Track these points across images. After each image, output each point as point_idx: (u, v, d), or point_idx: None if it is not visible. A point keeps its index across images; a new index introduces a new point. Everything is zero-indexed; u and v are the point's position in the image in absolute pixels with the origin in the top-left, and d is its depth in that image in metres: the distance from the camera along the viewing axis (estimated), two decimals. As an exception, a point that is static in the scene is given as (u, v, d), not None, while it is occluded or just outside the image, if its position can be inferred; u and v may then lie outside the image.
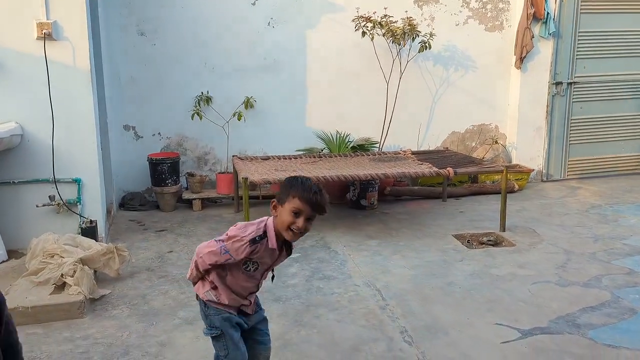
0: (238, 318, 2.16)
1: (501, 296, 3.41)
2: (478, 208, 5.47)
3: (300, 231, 1.96)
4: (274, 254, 2.06)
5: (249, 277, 2.10)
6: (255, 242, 1.99)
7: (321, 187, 2.00)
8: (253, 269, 2.07)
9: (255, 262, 2.06)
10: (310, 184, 1.99)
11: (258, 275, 2.12)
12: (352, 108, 5.98)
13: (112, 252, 3.55)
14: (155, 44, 5.44)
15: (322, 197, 1.97)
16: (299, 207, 1.94)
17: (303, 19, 5.71)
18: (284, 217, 1.96)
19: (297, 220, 1.95)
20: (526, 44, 6.18)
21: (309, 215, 1.96)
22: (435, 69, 6.19)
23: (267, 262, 2.09)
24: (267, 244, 2.01)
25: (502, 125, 6.58)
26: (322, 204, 1.97)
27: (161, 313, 3.18)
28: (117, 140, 5.43)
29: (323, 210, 1.98)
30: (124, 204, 5.47)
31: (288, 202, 1.96)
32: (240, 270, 2.08)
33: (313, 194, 1.94)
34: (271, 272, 2.20)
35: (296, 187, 1.97)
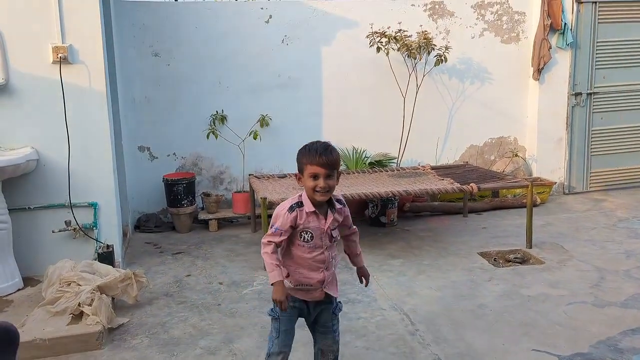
0: (299, 303, 2.34)
1: (535, 319, 3.26)
2: (501, 223, 5.33)
3: (325, 189, 2.17)
4: (318, 218, 2.25)
5: (310, 249, 2.27)
6: (292, 209, 2.23)
7: (328, 145, 2.21)
8: (309, 237, 2.25)
9: (307, 231, 2.24)
10: (316, 146, 2.19)
11: (319, 243, 2.26)
12: (369, 123, 5.89)
13: (129, 278, 3.46)
14: (170, 64, 5.40)
15: (329, 154, 2.17)
16: (313, 171, 2.16)
17: (317, 35, 5.65)
18: (307, 183, 2.19)
19: (317, 182, 2.16)
20: (543, 55, 6.07)
21: (325, 173, 2.16)
22: (451, 82, 6.09)
23: (317, 227, 2.25)
24: (305, 210, 2.23)
25: (521, 138, 6.45)
26: (331, 161, 2.16)
27: (181, 342, 3.06)
28: (132, 161, 5.37)
29: (334, 165, 2.18)
30: (139, 226, 5.39)
31: (304, 170, 2.19)
32: (301, 244, 2.27)
33: (319, 156, 2.14)
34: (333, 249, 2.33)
35: (305, 154, 2.20)
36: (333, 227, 2.30)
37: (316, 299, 2.36)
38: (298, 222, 2.24)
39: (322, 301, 2.38)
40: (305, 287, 2.33)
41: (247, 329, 3.20)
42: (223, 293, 3.77)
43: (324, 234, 2.28)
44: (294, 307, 2.35)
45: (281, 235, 2.25)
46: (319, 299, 2.37)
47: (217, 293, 3.77)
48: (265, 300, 3.61)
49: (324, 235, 2.28)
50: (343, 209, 2.36)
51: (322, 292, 2.34)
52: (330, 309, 2.41)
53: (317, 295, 2.35)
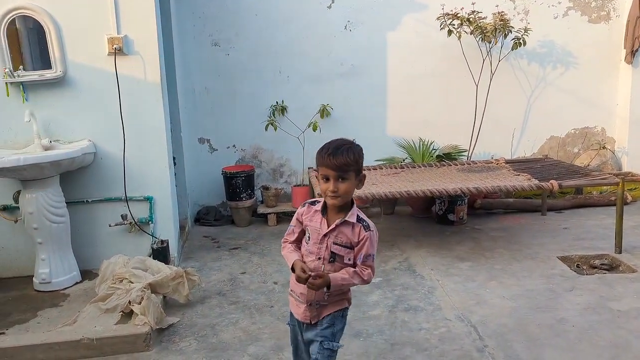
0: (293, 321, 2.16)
1: (628, 339, 2.82)
2: (585, 224, 4.80)
3: (335, 194, 1.92)
4: (321, 220, 2.02)
5: (306, 251, 2.05)
6: (304, 204, 2.09)
7: (343, 143, 1.94)
8: (307, 238, 2.05)
9: (308, 231, 2.04)
10: (329, 145, 1.95)
11: (314, 249, 2.02)
12: (437, 113, 5.50)
13: (181, 276, 3.35)
14: (229, 54, 5.27)
15: (338, 156, 1.90)
16: (324, 173, 1.95)
17: (382, 20, 5.32)
18: (320, 185, 1.98)
19: (327, 185, 1.94)
20: (638, 36, 5.41)
21: (335, 176, 1.92)
22: (530, 67, 5.57)
23: (315, 229, 2.02)
24: (315, 209, 2.04)
25: (609, 128, 5.82)
26: (339, 164, 1.90)
27: (230, 348, 2.90)
28: (192, 154, 5.31)
29: (344, 168, 1.90)
30: (199, 219, 5.33)
31: (318, 171, 1.98)
32: (304, 245, 2.07)
33: (327, 157, 1.91)
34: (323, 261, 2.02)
35: (318, 154, 1.97)
36: (338, 242, 1.98)
37: (301, 317, 2.08)
38: (303, 218, 2.07)
39: (311, 325, 2.07)
40: (294, 296, 2.11)
41: (299, 336, 2.99)
42: (277, 294, 3.58)
43: (322, 240, 1.99)
44: (291, 319, 2.18)
45: (293, 232, 2.10)
46: (303, 320, 2.07)
47: (270, 294, 3.59)
48: (320, 304, 3.39)
49: (322, 242, 1.99)
50: (360, 229, 1.96)
51: (305, 311, 2.05)
52: (319, 338, 2.05)
53: (301, 312, 2.07)
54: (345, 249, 1.99)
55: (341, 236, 1.98)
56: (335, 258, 2.00)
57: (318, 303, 2.04)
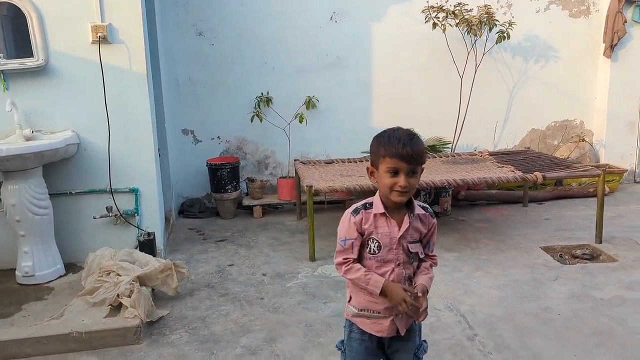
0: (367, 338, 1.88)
1: (611, 326, 2.90)
2: (565, 214, 4.91)
3: (405, 190, 1.73)
4: (389, 223, 1.81)
5: (379, 263, 1.82)
6: (357, 211, 1.83)
7: (413, 133, 1.76)
8: (376, 248, 1.81)
9: (374, 239, 1.81)
10: (398, 134, 1.74)
11: (390, 256, 1.81)
12: (422, 105, 5.54)
13: (170, 269, 3.31)
14: (214, 44, 5.21)
15: (415, 146, 1.72)
16: (393, 166, 1.73)
17: (368, 11, 5.31)
18: (383, 180, 1.76)
19: (397, 180, 1.73)
20: (618, 30, 5.53)
21: (407, 169, 1.72)
22: (513, 61, 5.64)
23: (386, 234, 1.80)
24: (373, 212, 1.82)
25: (588, 121, 5.94)
26: (416, 154, 1.72)
27: (222, 340, 2.89)
28: (176, 145, 5.25)
29: (420, 160, 1.74)
30: (183, 211, 5.28)
31: (381, 163, 1.76)
32: (367, 256, 1.84)
33: (403, 147, 1.70)
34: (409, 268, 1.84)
35: (384, 143, 1.75)
36: (412, 240, 1.82)
37: (386, 333, 1.86)
38: (363, 227, 1.81)
39: (397, 337, 1.88)
40: (372, 315, 1.85)
41: (291, 327, 3.00)
42: (266, 286, 3.58)
43: (397, 245, 1.80)
44: (361, 341, 1.89)
45: (353, 247, 1.82)
46: (390, 334, 1.86)
47: (260, 285, 3.59)
48: (310, 295, 3.40)
49: (397, 246, 1.80)
50: (428, 217, 1.86)
51: (392, 325, 1.85)
52: (411, 350, 1.91)
53: (385, 328, 1.85)
54: (418, 244, 1.86)
55: (413, 232, 1.83)
56: (413, 258, 1.85)
57: None
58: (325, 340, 2.85)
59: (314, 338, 2.88)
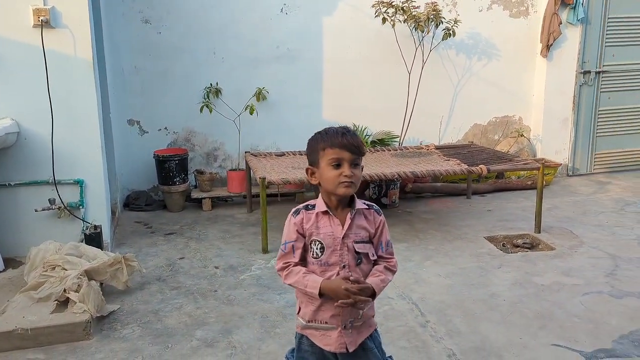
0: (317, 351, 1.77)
1: (551, 310, 3.08)
2: (506, 206, 5.14)
3: (352, 180, 1.68)
4: (332, 222, 1.73)
5: (323, 267, 1.72)
6: (297, 212, 1.77)
7: (348, 127, 1.76)
8: (318, 250, 1.72)
9: (316, 241, 1.72)
10: (334, 128, 1.75)
11: (334, 259, 1.71)
12: (371, 99, 5.62)
13: (119, 262, 3.21)
14: (161, 32, 5.07)
15: (353, 136, 1.72)
16: (336, 156, 1.68)
17: (319, 4, 5.33)
18: (327, 174, 1.70)
19: (341, 170, 1.68)
20: (553, 31, 5.82)
21: (350, 159, 1.69)
22: (457, 57, 5.82)
23: (329, 235, 1.71)
24: (316, 212, 1.75)
25: (526, 117, 6.23)
26: (357, 143, 1.70)
27: (176, 333, 2.84)
28: (121, 136, 5.08)
29: (361, 150, 1.71)
30: (128, 204, 5.12)
31: (321, 157, 1.71)
32: (311, 261, 1.75)
33: (342, 136, 1.69)
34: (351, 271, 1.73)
35: (322, 138, 1.73)
36: (358, 239, 1.72)
37: (334, 347, 1.74)
38: (304, 228, 1.72)
39: (350, 355, 1.75)
40: (320, 326, 1.75)
41: (246, 319, 2.99)
42: (219, 278, 3.54)
43: (341, 245, 1.71)
44: (311, 352, 1.78)
45: (294, 250, 1.72)
46: (337, 349, 1.74)
47: (213, 278, 3.54)
48: (265, 287, 3.40)
49: (341, 247, 1.71)
50: (374, 213, 1.77)
51: (340, 338, 1.73)
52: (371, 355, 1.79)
53: (333, 341, 1.73)
54: (367, 244, 1.74)
55: (359, 231, 1.73)
56: (361, 259, 1.73)
57: (351, 323, 1.74)
58: (282, 330, 2.86)
59: (270, 329, 2.88)
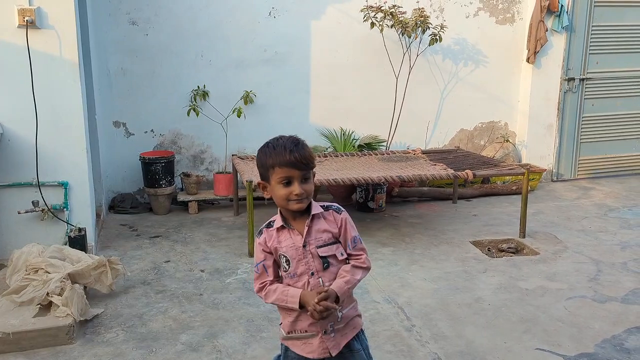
0: None
1: (535, 314, 3.10)
2: (492, 211, 5.18)
3: (302, 197, 1.67)
4: (291, 234, 1.73)
5: (294, 280, 1.73)
6: (260, 232, 1.79)
7: (296, 138, 1.71)
8: (285, 263, 1.73)
9: (282, 255, 1.74)
10: (282, 142, 1.69)
11: (301, 268, 1.71)
12: (358, 104, 5.64)
13: (104, 265, 3.18)
14: (148, 34, 5.04)
15: (302, 151, 1.67)
16: (284, 175, 1.66)
17: (306, 8, 5.34)
18: (277, 192, 1.69)
19: (292, 189, 1.67)
20: (540, 38, 5.89)
21: (300, 176, 1.66)
22: (444, 63, 5.87)
23: (291, 247, 1.72)
24: (275, 228, 1.76)
25: (511, 123, 6.29)
26: (305, 159, 1.66)
27: (161, 337, 2.82)
28: (107, 138, 5.04)
29: (310, 164, 1.68)
30: (113, 207, 5.08)
31: (271, 175, 1.69)
32: (284, 276, 1.76)
33: (290, 154, 1.64)
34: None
35: (269, 154, 1.69)
36: (321, 243, 1.72)
37: (317, 354, 1.74)
38: (270, 246, 1.73)
39: (336, 357, 1.75)
40: (301, 335, 1.75)
41: (232, 323, 2.98)
42: (205, 282, 3.52)
43: (306, 253, 1.71)
44: (298, 358, 1.78)
45: (266, 269, 1.74)
46: (321, 355, 1.74)
47: (198, 282, 3.53)
48: (251, 291, 3.38)
49: (306, 255, 1.71)
50: (333, 213, 1.76)
51: (322, 344, 1.73)
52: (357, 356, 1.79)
53: (315, 348, 1.73)
54: (332, 245, 1.74)
55: (319, 235, 1.72)
56: (328, 262, 1.73)
57: (332, 327, 1.73)
58: (268, 334, 2.86)
59: (255, 333, 2.88)
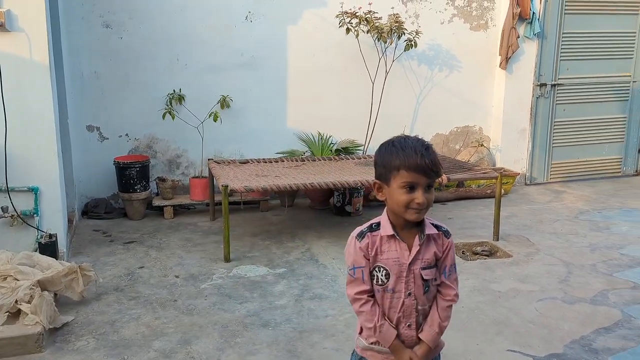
0: None
1: (508, 316, 3.15)
2: (467, 214, 5.24)
3: (422, 206, 1.53)
4: (399, 246, 1.59)
5: (388, 295, 1.60)
6: (362, 235, 1.61)
7: (427, 142, 1.57)
8: (383, 277, 1.59)
9: (381, 267, 1.59)
10: (413, 144, 1.54)
11: (400, 286, 1.59)
12: (335, 108, 5.66)
13: (75, 272, 3.13)
14: (123, 37, 4.99)
15: (432, 156, 1.53)
16: (410, 180, 1.52)
17: (284, 13, 5.35)
18: (397, 197, 1.54)
19: (414, 196, 1.52)
20: (512, 44, 5.99)
21: (425, 183, 1.53)
22: (420, 68, 5.93)
23: (395, 260, 1.58)
24: (381, 235, 1.60)
25: (486, 127, 6.38)
26: (435, 166, 1.53)
27: (133, 344, 2.79)
28: (80, 142, 4.96)
29: (438, 172, 1.55)
30: (87, 212, 5.00)
31: (394, 177, 1.54)
32: (376, 289, 1.61)
33: (421, 158, 1.50)
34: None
35: (397, 154, 1.54)
36: (425, 265, 1.60)
37: None
38: (370, 253, 1.59)
39: None
40: (383, 349, 1.65)
41: (206, 329, 2.96)
42: (180, 287, 3.49)
43: (409, 272, 1.58)
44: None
45: (363, 277, 1.59)
46: None
47: (173, 287, 3.49)
48: (226, 296, 3.37)
49: (409, 274, 1.58)
50: (442, 237, 1.64)
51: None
52: None
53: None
54: (433, 269, 1.62)
55: (427, 256, 1.60)
56: (429, 286, 1.62)
57: None
58: (242, 340, 2.85)
59: (230, 338, 2.86)
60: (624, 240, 4.47)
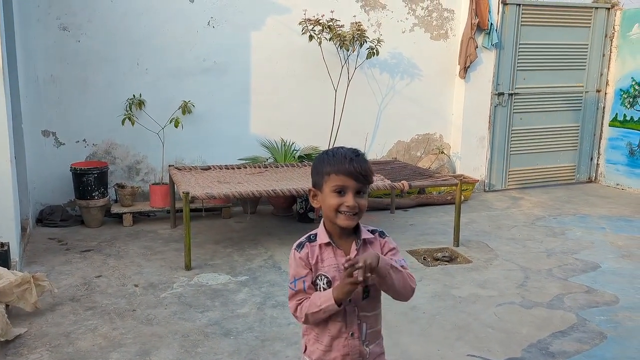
0: None
1: (468, 321, 3.21)
2: (428, 220, 5.32)
3: (354, 211, 1.56)
4: (336, 254, 1.60)
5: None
6: (301, 246, 1.63)
7: (359, 151, 1.62)
8: (324, 284, 1.59)
9: (322, 276, 1.60)
10: (343, 151, 1.60)
11: None
12: (298, 115, 5.67)
13: (28, 282, 3.02)
14: (80, 40, 4.87)
15: (361, 162, 1.58)
16: (339, 184, 1.56)
17: (246, 19, 5.33)
18: (328, 201, 1.58)
19: (344, 199, 1.56)
20: (470, 54, 6.14)
21: (356, 188, 1.57)
22: (381, 76, 6.00)
23: (334, 266, 1.59)
24: (319, 244, 1.61)
25: (446, 135, 6.51)
26: (364, 171, 1.57)
27: (89, 356, 2.70)
28: (35, 147, 4.81)
29: (368, 178, 1.58)
30: (42, 220, 4.83)
31: (325, 182, 1.58)
32: None
33: (350, 162, 1.56)
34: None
35: (328, 160, 1.59)
36: None
37: None
38: (311, 263, 1.60)
39: None
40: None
41: (166, 339, 2.90)
42: (139, 297, 3.41)
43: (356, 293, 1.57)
44: None
45: (305, 286, 1.60)
46: None
47: (131, 297, 3.41)
48: (186, 305, 3.31)
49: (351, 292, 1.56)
50: (376, 238, 1.66)
51: None
52: None
53: None
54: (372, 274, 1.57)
55: None
56: (368, 291, 1.62)
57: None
58: (203, 350, 2.80)
59: (190, 348, 2.81)
60: (578, 246, 4.62)
